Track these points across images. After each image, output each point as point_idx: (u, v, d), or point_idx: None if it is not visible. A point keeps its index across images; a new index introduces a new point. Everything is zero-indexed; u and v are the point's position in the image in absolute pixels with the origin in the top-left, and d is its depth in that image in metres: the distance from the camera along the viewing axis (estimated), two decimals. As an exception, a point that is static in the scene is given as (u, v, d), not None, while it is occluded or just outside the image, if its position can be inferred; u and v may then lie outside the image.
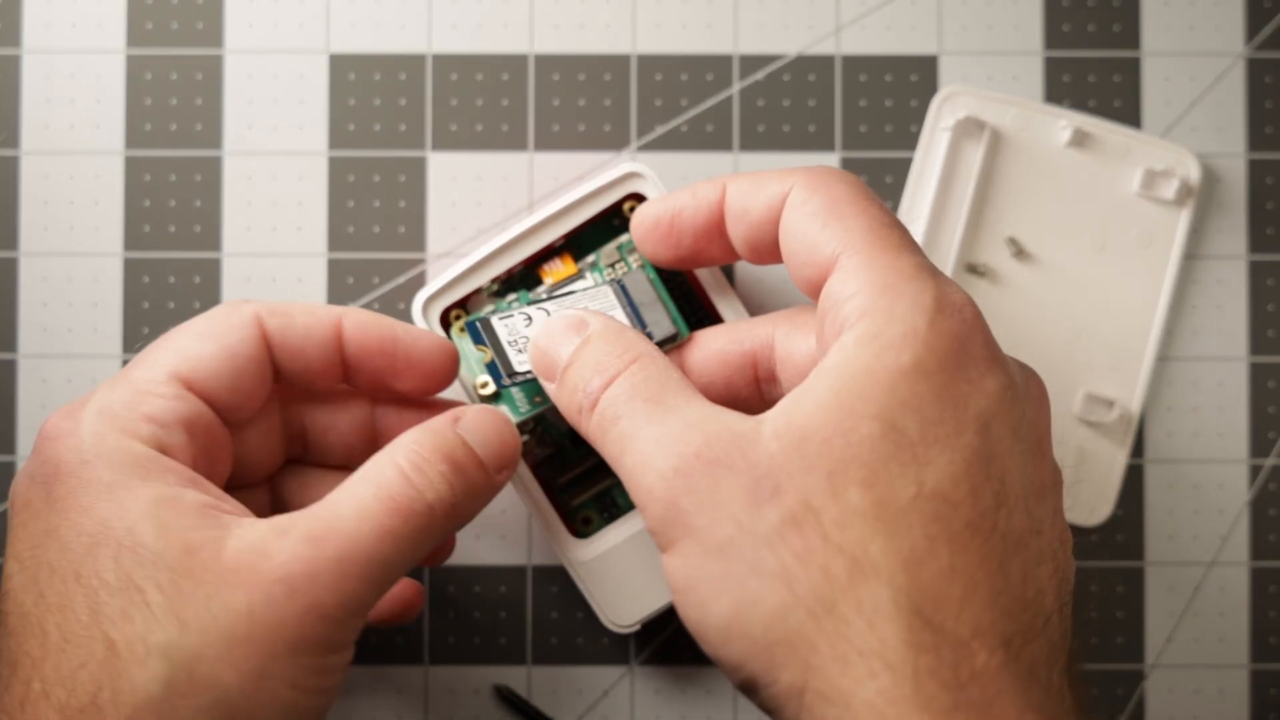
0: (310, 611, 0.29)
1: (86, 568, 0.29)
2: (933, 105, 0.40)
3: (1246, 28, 0.41)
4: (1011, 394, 0.29)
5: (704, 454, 0.28)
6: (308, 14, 0.41)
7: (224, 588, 0.28)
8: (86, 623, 0.28)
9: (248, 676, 0.28)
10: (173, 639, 0.28)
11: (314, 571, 0.29)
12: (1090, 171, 0.40)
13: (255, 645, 0.28)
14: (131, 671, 0.28)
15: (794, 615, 0.27)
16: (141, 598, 0.28)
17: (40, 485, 0.30)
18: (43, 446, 0.31)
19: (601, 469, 0.38)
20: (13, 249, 0.40)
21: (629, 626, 0.37)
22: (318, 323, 0.33)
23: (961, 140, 0.40)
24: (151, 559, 0.28)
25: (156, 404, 0.31)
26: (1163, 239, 0.40)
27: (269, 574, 0.28)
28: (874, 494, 0.27)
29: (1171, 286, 0.40)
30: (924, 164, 0.40)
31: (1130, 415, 0.40)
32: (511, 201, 0.40)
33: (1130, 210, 0.40)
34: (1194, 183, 0.40)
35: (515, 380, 0.35)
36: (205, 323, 0.33)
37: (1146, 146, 0.40)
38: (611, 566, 0.37)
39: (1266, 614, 0.40)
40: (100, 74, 0.40)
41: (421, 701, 0.40)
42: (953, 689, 0.26)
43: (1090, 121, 0.40)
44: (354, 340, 0.34)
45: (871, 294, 0.29)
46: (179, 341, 0.32)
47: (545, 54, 0.41)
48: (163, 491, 0.29)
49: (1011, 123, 0.40)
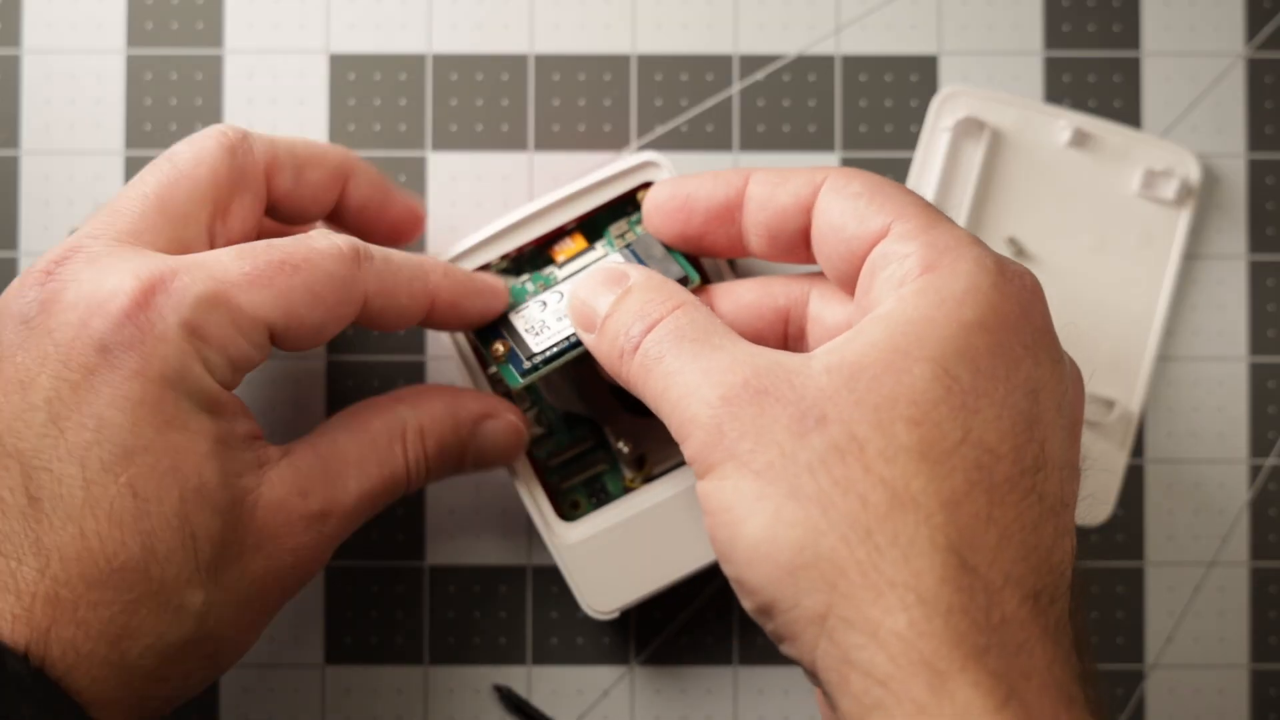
0: (303, 579, 0.33)
1: (146, 490, 0.29)
2: (932, 105, 0.40)
3: (1246, 28, 0.41)
4: (1061, 369, 0.29)
5: (752, 383, 0.29)
6: (308, 14, 0.41)
7: (250, 549, 0.31)
8: (134, 553, 0.29)
9: (242, 631, 0.32)
10: (206, 600, 0.30)
11: (316, 544, 0.32)
12: (1090, 171, 0.40)
13: (256, 607, 0.32)
14: (163, 619, 0.29)
15: (826, 540, 0.27)
16: (193, 545, 0.29)
17: (103, 360, 0.29)
18: (120, 324, 0.29)
19: (592, 455, 0.38)
20: (13, 249, 0.40)
21: (608, 613, 0.37)
22: (415, 304, 0.34)
23: (961, 140, 0.40)
24: (211, 506, 0.30)
25: (246, 352, 0.31)
26: (1162, 239, 0.40)
27: (286, 542, 0.31)
28: (920, 432, 0.27)
29: (1171, 286, 0.40)
30: (924, 164, 0.40)
31: (1130, 415, 0.40)
32: (511, 201, 0.40)
33: (1130, 210, 0.40)
34: (1194, 183, 0.40)
35: (535, 362, 0.34)
36: (324, 281, 0.31)
37: (1146, 146, 0.40)
38: (595, 552, 0.37)
39: (1266, 614, 0.40)
40: (100, 74, 0.40)
41: (421, 701, 0.40)
42: (984, 630, 0.26)
43: (1090, 121, 0.40)
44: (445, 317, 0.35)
45: (934, 252, 0.29)
46: (292, 287, 0.31)
47: (545, 54, 0.41)
48: (224, 428, 0.30)
49: (1011, 123, 0.40)
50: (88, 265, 0.30)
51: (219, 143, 0.33)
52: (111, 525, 0.29)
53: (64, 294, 0.30)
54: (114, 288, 0.29)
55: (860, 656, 0.26)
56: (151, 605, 0.29)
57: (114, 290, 0.29)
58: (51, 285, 0.30)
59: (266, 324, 0.31)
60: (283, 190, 0.34)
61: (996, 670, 0.26)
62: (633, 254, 0.36)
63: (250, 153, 0.33)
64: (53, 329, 0.29)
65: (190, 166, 0.32)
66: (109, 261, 0.30)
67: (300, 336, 0.32)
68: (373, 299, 0.32)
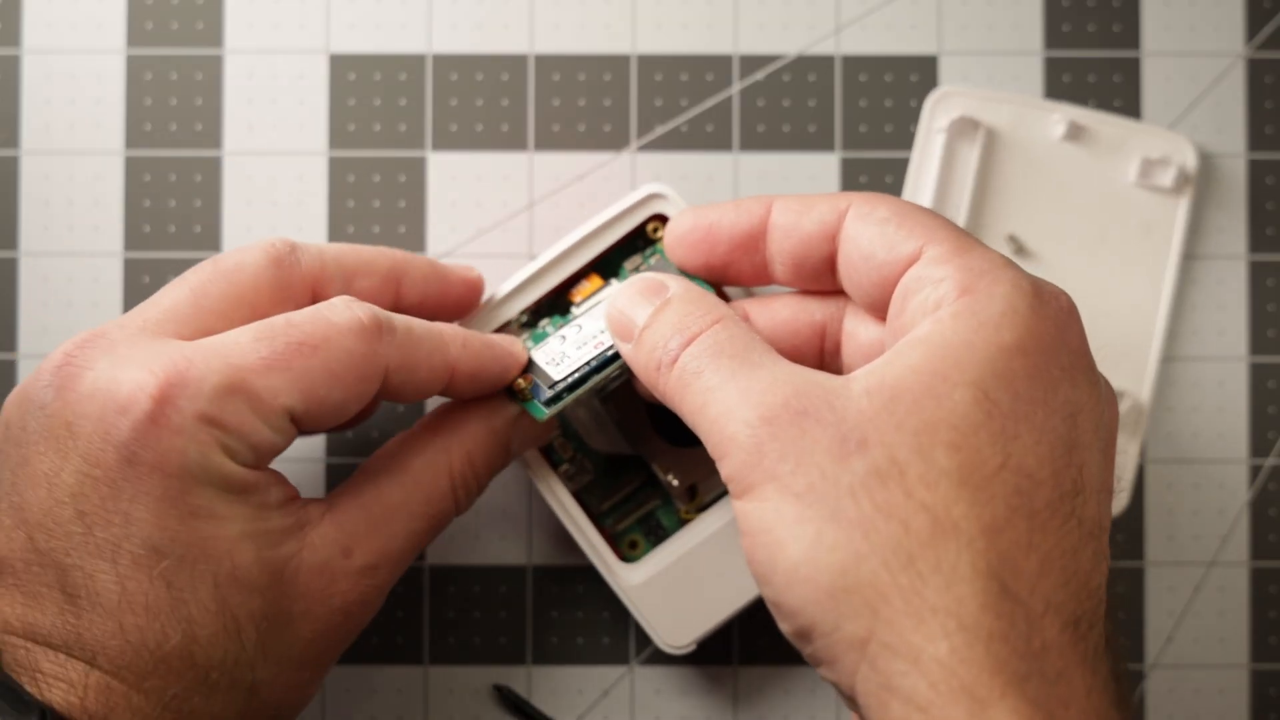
0: (354, 633, 0.33)
1: (180, 580, 0.29)
2: (926, 106, 0.40)
3: (1246, 28, 0.41)
4: (1098, 391, 0.29)
5: (792, 404, 0.28)
6: (308, 14, 0.41)
7: (298, 617, 0.31)
8: (178, 643, 0.29)
9: (297, 690, 0.32)
10: (259, 678, 0.30)
11: (366, 600, 0.32)
12: (1086, 164, 0.40)
13: (310, 668, 0.32)
14: (217, 700, 0.30)
15: (868, 564, 0.27)
16: (236, 628, 0.30)
17: (123, 459, 0.29)
18: (140, 423, 0.29)
19: (642, 492, 0.38)
20: (13, 249, 0.40)
21: (685, 647, 0.37)
22: (433, 378, 0.33)
23: (957, 140, 0.40)
24: (248, 588, 0.30)
25: (267, 438, 0.30)
26: (1162, 228, 0.40)
27: (333, 603, 0.31)
28: (961, 458, 0.27)
29: (1174, 275, 0.40)
30: (920, 166, 0.40)
31: (1141, 405, 0.40)
32: (511, 201, 0.40)
33: (1129, 200, 0.40)
34: (1191, 170, 0.40)
35: (557, 390, 0.34)
36: (342, 359, 0.31)
37: (1142, 135, 0.40)
38: (662, 589, 0.37)
39: (1266, 614, 0.40)
40: (100, 74, 0.40)
41: (421, 701, 0.40)
42: (1025, 657, 0.26)
43: (1084, 114, 0.40)
44: (461, 388, 0.34)
45: (970, 276, 0.29)
46: (309, 371, 0.30)
47: (545, 54, 0.41)
48: (255, 505, 0.30)
49: (1006, 120, 0.40)
50: (104, 354, 0.30)
51: (266, 253, 0.33)
52: (150, 619, 0.29)
53: (79, 384, 0.30)
54: (132, 384, 0.29)
55: (902, 683, 0.26)
56: (203, 689, 0.29)
57: (132, 388, 0.29)
58: (68, 371, 0.30)
59: (286, 410, 0.30)
60: None
61: (1036, 698, 0.26)
62: None
63: (296, 265, 0.33)
64: (71, 421, 0.29)
65: (232, 270, 0.32)
66: (125, 351, 0.30)
67: (322, 417, 0.31)
68: (394, 373, 0.32)
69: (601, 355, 0.34)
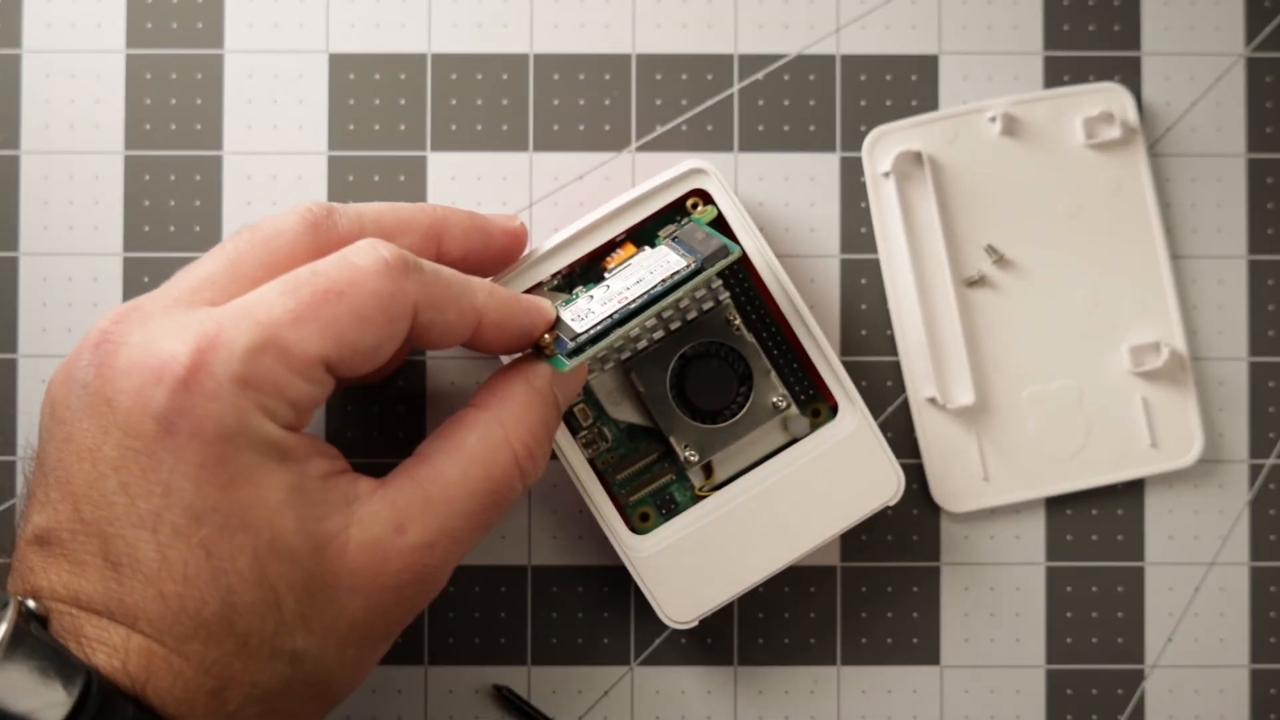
0: (411, 612, 0.32)
1: (220, 549, 0.29)
2: (864, 154, 0.40)
3: (1246, 28, 0.41)
4: None
5: None
6: (308, 14, 0.41)
7: (345, 591, 0.30)
8: (216, 610, 0.29)
9: (350, 668, 0.31)
10: (300, 647, 0.30)
11: (422, 578, 0.32)
12: (1034, 147, 0.40)
13: (363, 645, 0.31)
14: (259, 670, 0.30)
15: None
16: (275, 598, 0.29)
17: (163, 429, 0.29)
18: (174, 390, 0.29)
19: (658, 466, 0.38)
20: (13, 249, 0.40)
21: (687, 623, 0.37)
22: (462, 320, 0.33)
23: (905, 179, 0.40)
24: (288, 558, 0.30)
25: (302, 390, 0.30)
26: (1130, 180, 0.40)
27: (387, 580, 0.31)
28: None
29: (1159, 222, 0.40)
30: (881, 211, 0.40)
31: (1180, 352, 0.40)
32: (512, 201, 0.40)
33: (1087, 165, 0.40)
34: (1132, 115, 0.40)
35: (579, 342, 0.34)
36: (369, 302, 0.31)
37: (1073, 99, 0.40)
38: (670, 563, 0.37)
39: (1266, 614, 0.40)
40: (100, 74, 0.40)
41: (421, 701, 0.40)
42: None
43: (1009, 101, 0.40)
44: (491, 338, 0.34)
45: None
46: (338, 317, 0.30)
47: (545, 54, 0.41)
48: (296, 473, 0.30)
49: (942, 138, 0.40)
50: (139, 327, 0.30)
51: (302, 217, 0.33)
52: (189, 586, 0.29)
53: (117, 359, 0.30)
54: (166, 354, 0.29)
55: None
56: (243, 657, 0.29)
57: (166, 358, 0.29)
58: (105, 348, 0.30)
59: (320, 358, 0.30)
60: None
61: None
62: (677, 243, 0.36)
63: (334, 229, 0.33)
64: (110, 396, 0.29)
65: (270, 237, 0.32)
66: (160, 324, 0.30)
67: (356, 362, 0.31)
68: (422, 311, 0.32)
69: (625, 309, 0.34)
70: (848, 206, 0.40)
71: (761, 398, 0.38)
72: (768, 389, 0.38)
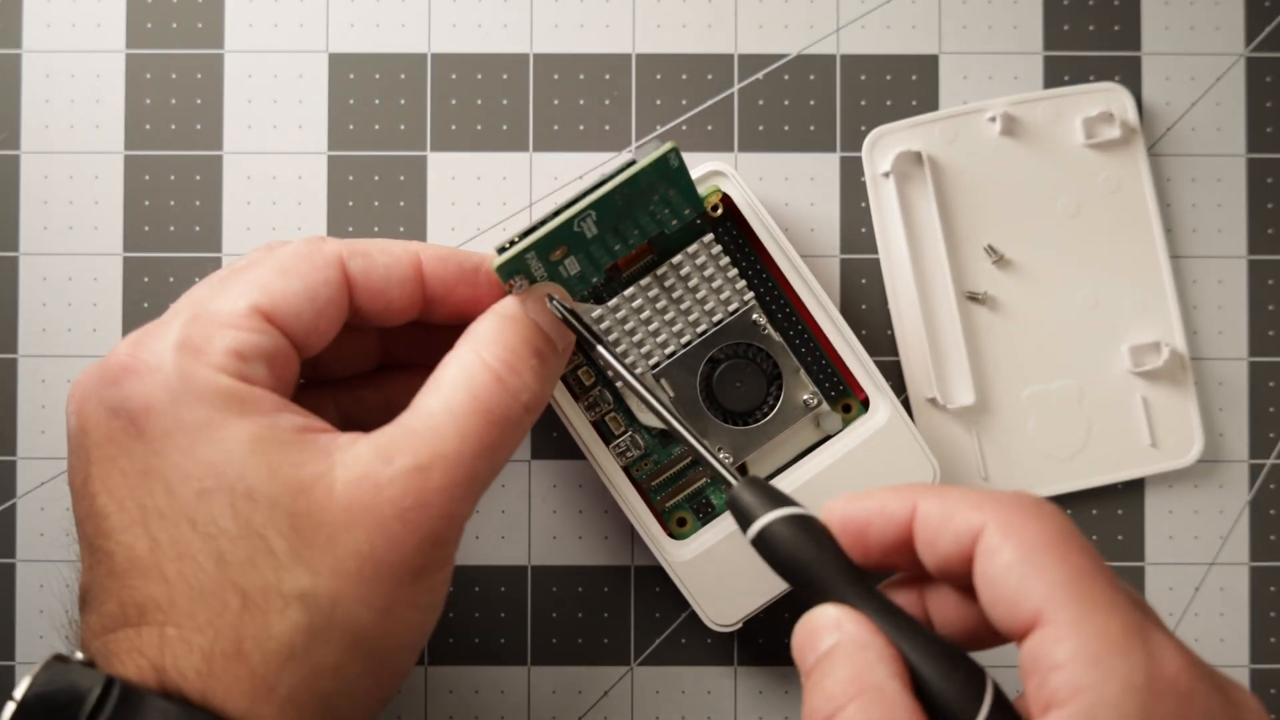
0: (426, 540, 0.30)
1: (201, 514, 0.29)
2: (864, 154, 0.40)
3: (1246, 28, 0.41)
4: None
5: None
6: (308, 14, 0.41)
7: (342, 528, 0.29)
8: (213, 573, 0.29)
9: (380, 611, 0.30)
10: (307, 586, 0.29)
11: (425, 502, 0.30)
12: (1033, 147, 0.40)
13: (383, 582, 0.30)
14: (271, 621, 0.29)
15: None
16: (265, 545, 0.29)
17: (125, 420, 0.30)
18: (120, 379, 0.30)
19: (694, 468, 0.39)
20: (13, 249, 0.40)
21: (730, 625, 0.37)
22: (397, 261, 0.33)
23: (905, 178, 0.40)
24: (268, 504, 0.29)
25: (240, 337, 0.31)
26: (1130, 180, 0.40)
27: (384, 509, 0.30)
28: None
29: (1159, 221, 0.40)
30: (881, 211, 0.40)
31: (1180, 352, 0.40)
32: (511, 201, 0.40)
33: (1087, 165, 0.40)
34: (1132, 114, 0.40)
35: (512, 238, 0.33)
36: (288, 258, 0.32)
37: (1073, 99, 0.40)
38: (710, 566, 0.37)
39: (1266, 614, 0.40)
40: (100, 74, 0.40)
41: (421, 701, 0.40)
42: None
43: (1009, 101, 0.40)
44: (435, 275, 0.34)
45: (1081, 668, 0.27)
46: (259, 275, 0.32)
47: (545, 54, 0.41)
48: (261, 424, 0.30)
49: (941, 137, 0.40)
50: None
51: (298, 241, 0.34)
52: (183, 562, 0.29)
53: (73, 393, 0.31)
54: (110, 356, 0.31)
55: None
56: (250, 610, 0.29)
57: (110, 359, 0.31)
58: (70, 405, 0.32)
59: (251, 307, 0.31)
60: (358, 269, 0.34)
61: None
62: None
63: (326, 241, 0.34)
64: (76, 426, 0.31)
65: (260, 251, 0.34)
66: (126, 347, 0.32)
67: (294, 309, 0.31)
68: (349, 259, 0.33)
69: (556, 212, 0.33)
70: (848, 206, 0.40)
71: (792, 396, 0.38)
72: (798, 387, 0.38)
